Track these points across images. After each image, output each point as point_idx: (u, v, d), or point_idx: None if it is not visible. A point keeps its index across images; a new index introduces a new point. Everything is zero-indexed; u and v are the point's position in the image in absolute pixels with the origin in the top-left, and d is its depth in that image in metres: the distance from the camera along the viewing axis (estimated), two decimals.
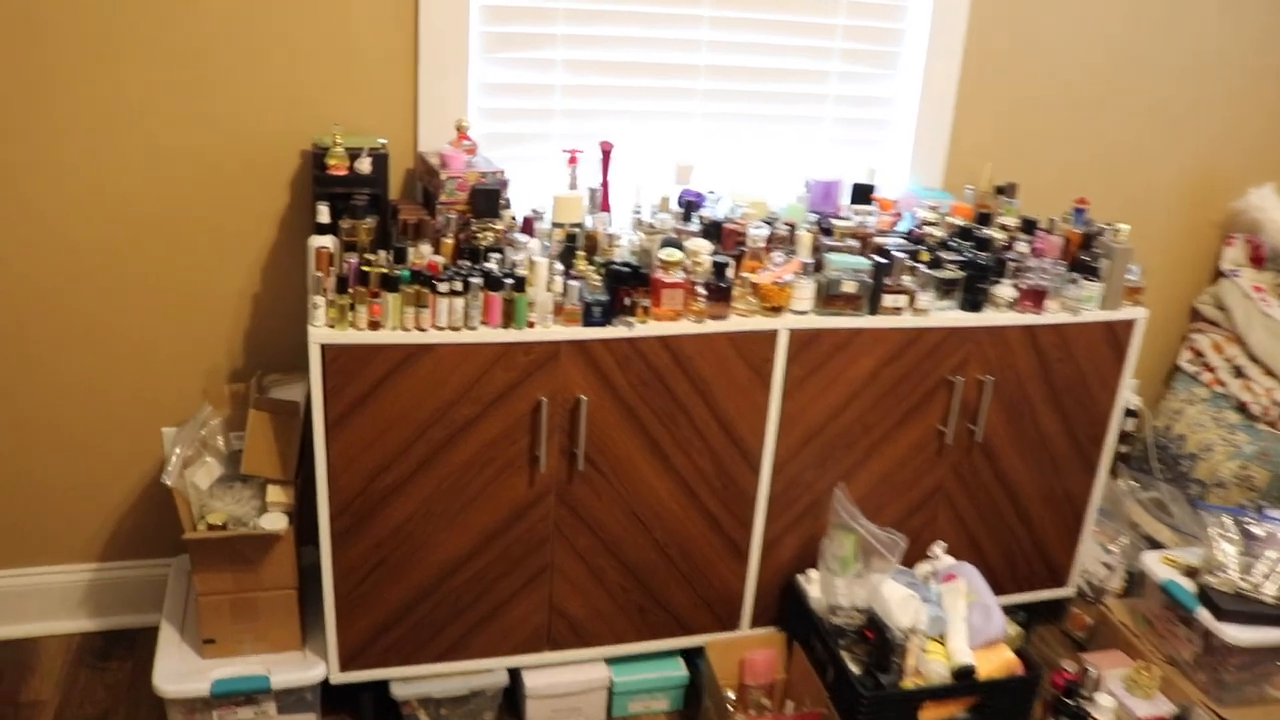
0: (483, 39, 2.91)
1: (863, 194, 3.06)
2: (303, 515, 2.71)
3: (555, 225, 2.76)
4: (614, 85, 3.05)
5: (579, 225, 2.77)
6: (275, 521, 2.61)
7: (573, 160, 2.95)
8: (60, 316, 2.84)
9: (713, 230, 2.81)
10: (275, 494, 2.66)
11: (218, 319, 2.96)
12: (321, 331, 2.42)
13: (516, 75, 2.99)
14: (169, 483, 2.57)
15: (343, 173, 2.76)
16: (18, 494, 2.95)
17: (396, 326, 2.46)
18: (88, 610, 3.07)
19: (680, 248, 2.66)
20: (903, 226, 3.04)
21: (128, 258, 2.84)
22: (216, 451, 2.77)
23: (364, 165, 2.77)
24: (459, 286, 2.47)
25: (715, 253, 2.70)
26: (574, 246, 2.69)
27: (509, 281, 2.49)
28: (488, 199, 2.70)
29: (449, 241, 2.65)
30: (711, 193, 3.01)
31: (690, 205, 2.92)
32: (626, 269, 2.60)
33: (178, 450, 2.66)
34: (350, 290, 2.47)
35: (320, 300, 2.45)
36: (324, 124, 2.84)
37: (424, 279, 2.48)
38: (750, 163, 3.23)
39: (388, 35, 2.83)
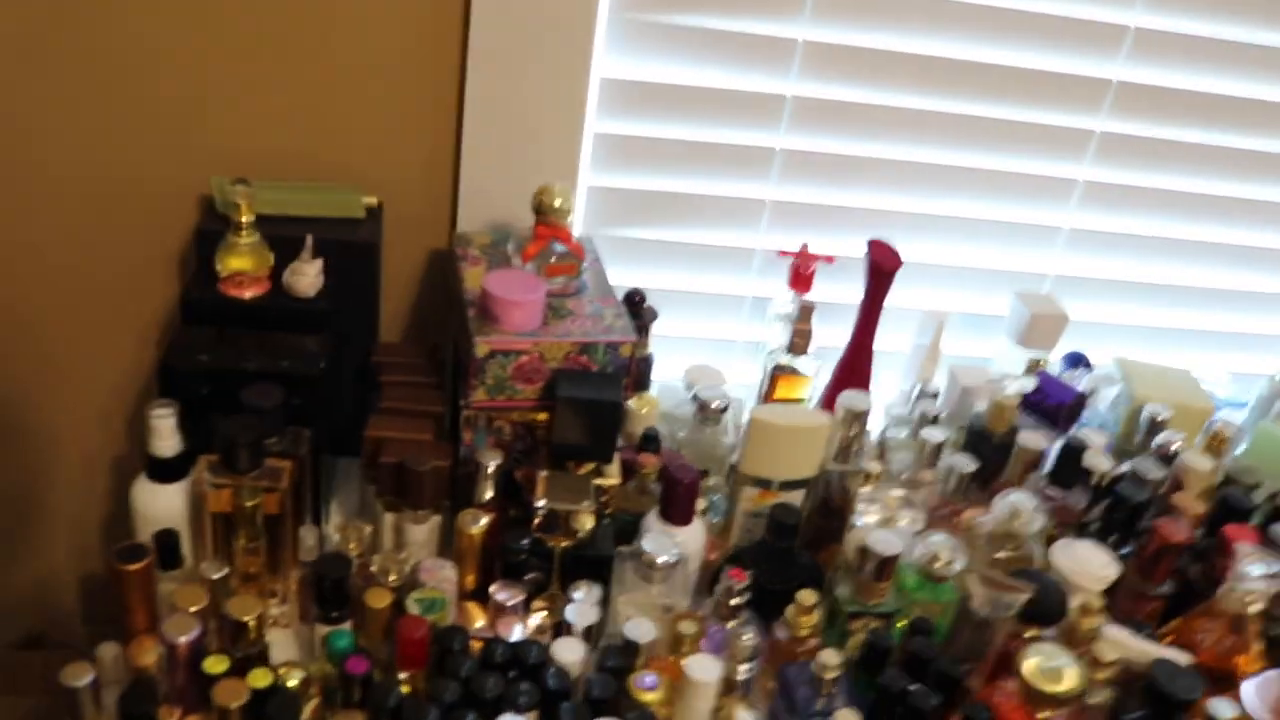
0: (623, 29, 1.24)
1: None
2: None
3: (744, 478, 1.11)
4: (898, 156, 1.35)
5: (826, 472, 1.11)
6: None
7: (803, 272, 1.28)
8: None
9: (1122, 512, 1.12)
10: None
11: None
12: None
13: (691, 110, 1.30)
14: None
15: (252, 293, 1.14)
16: None
17: None
18: None
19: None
20: None
21: None
22: None
23: (304, 276, 1.14)
24: None
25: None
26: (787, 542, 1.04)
27: None
28: (592, 415, 1.06)
29: (473, 528, 1.02)
30: (1087, 371, 1.33)
31: (1066, 411, 1.24)
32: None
33: None
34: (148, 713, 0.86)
35: None
36: (228, 155, 1.22)
37: (373, 693, 0.86)
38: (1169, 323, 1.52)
39: None
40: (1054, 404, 1.24)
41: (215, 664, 0.86)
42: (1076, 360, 1.37)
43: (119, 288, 1.31)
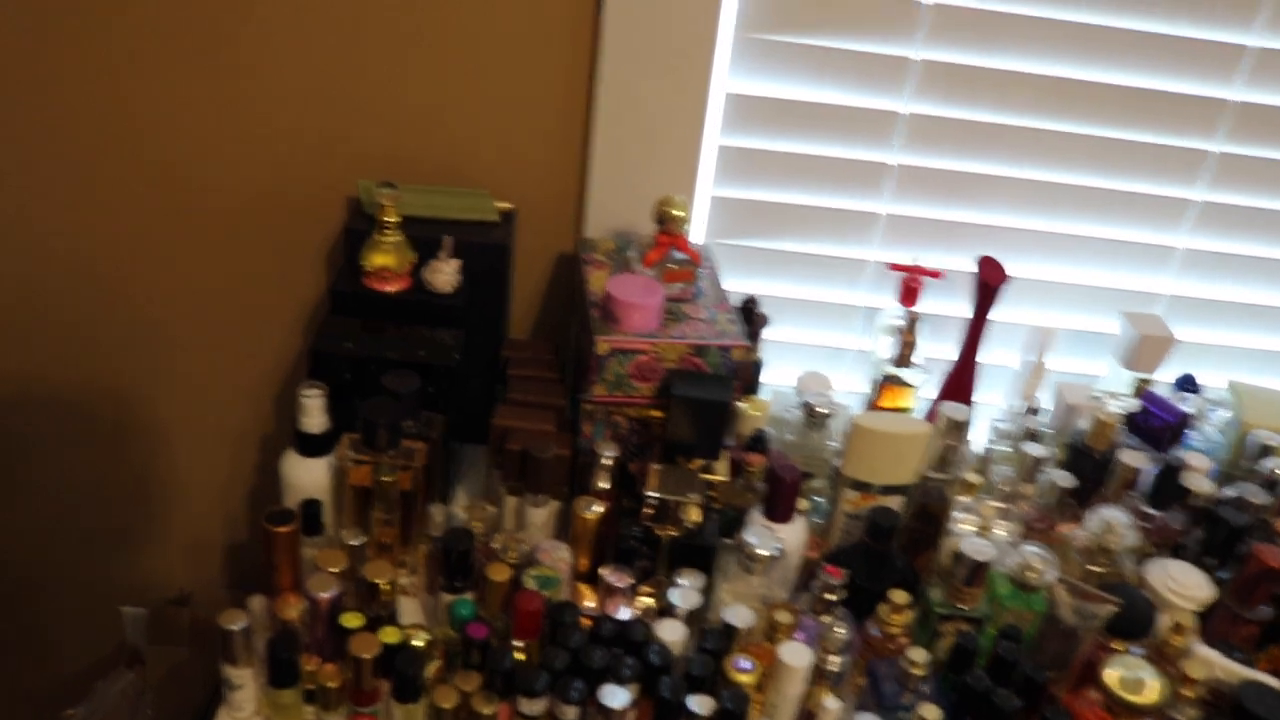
0: (746, 47, 1.30)
1: None
2: None
3: (846, 481, 1.16)
4: (1011, 174, 1.38)
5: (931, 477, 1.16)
6: None
7: (912, 286, 1.32)
8: None
9: (1221, 534, 1.14)
10: None
11: None
12: None
13: (809, 125, 1.36)
14: None
15: (394, 287, 1.23)
16: None
17: None
18: None
19: None
20: None
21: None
22: None
23: (442, 273, 1.23)
24: (571, 702, 0.92)
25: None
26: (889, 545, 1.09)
27: (697, 709, 0.92)
28: (703, 414, 1.13)
29: (588, 514, 1.10)
30: (1196, 394, 1.34)
31: (1169, 432, 1.25)
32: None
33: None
34: (311, 669, 0.95)
35: (240, 680, 0.95)
36: (375, 160, 1.33)
37: (490, 656, 0.94)
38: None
39: None
40: (1158, 425, 1.26)
41: (351, 619, 0.96)
42: (1186, 383, 1.38)
43: (272, 281, 1.42)
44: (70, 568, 1.68)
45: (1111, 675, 0.97)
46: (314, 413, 1.12)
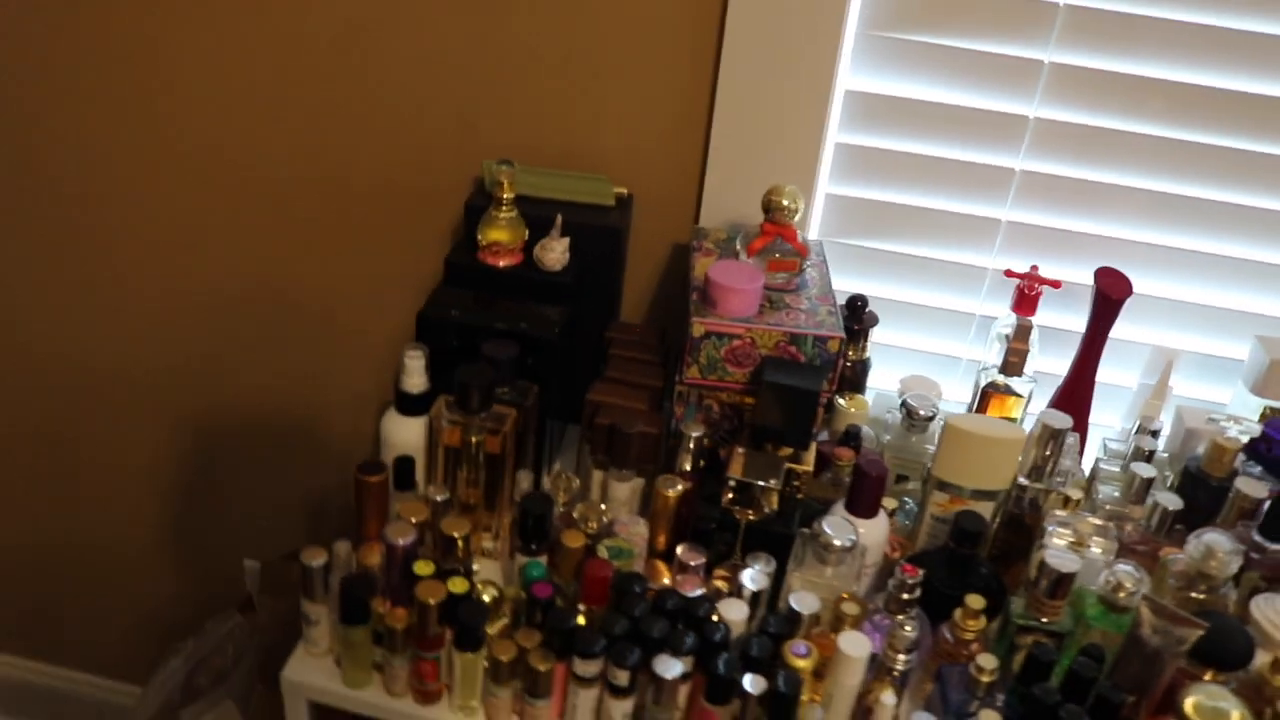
0: (869, 45, 1.29)
1: None
2: None
3: (935, 482, 1.13)
4: (1141, 185, 1.32)
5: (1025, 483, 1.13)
6: None
7: (1028, 294, 1.29)
8: None
9: None
10: None
11: None
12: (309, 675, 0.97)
13: (926, 128, 1.34)
14: None
15: (506, 262, 1.27)
16: None
17: None
18: None
19: None
20: None
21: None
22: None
23: (551, 251, 1.26)
24: (625, 667, 0.93)
25: None
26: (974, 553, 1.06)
27: (750, 687, 0.92)
28: (793, 402, 1.12)
29: (669, 492, 1.10)
30: None
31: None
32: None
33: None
34: (381, 612, 0.99)
35: (316, 616, 1.00)
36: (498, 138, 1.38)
37: (552, 616, 0.96)
38: None
39: None
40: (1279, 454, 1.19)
41: (423, 567, 0.99)
42: None
43: (401, 255, 1.49)
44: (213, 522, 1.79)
45: (1191, 702, 0.92)
46: (414, 373, 1.17)
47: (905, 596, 1.04)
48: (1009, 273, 1.31)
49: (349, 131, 1.43)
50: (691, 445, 1.15)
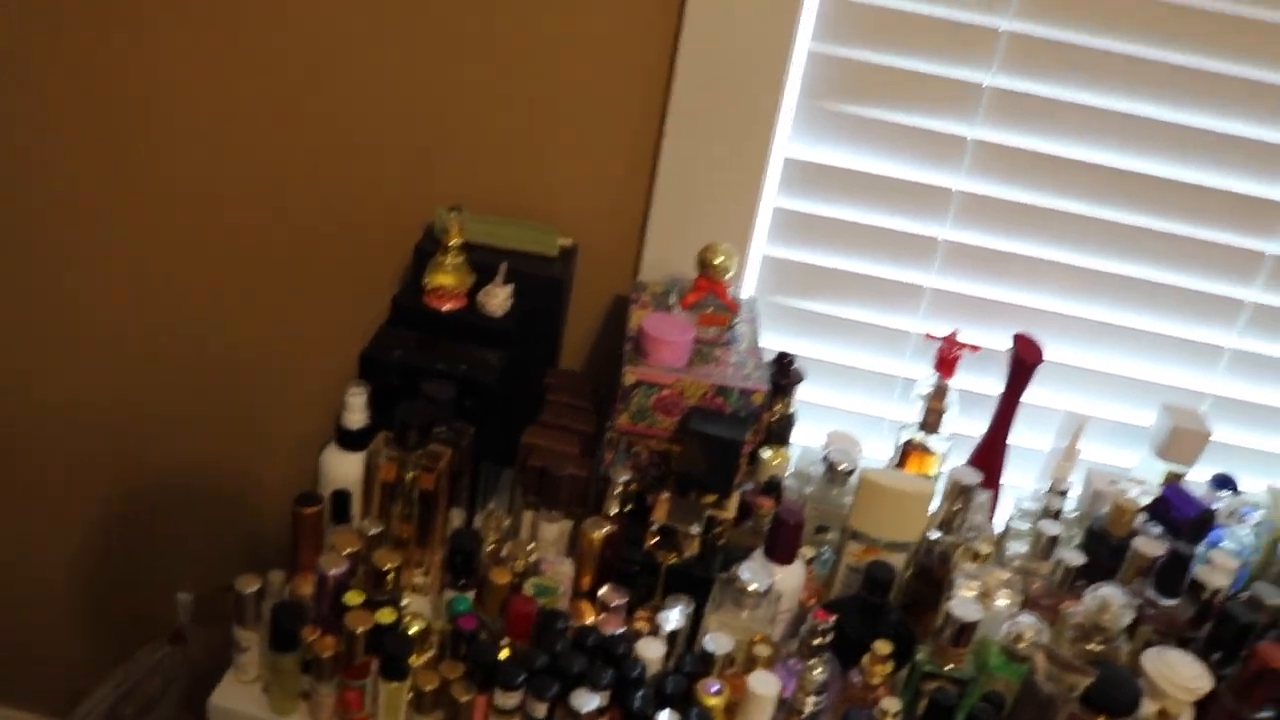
0: (809, 115, 1.36)
1: None
2: None
3: (850, 533, 1.19)
4: (1061, 259, 1.40)
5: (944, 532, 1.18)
6: None
7: (948, 357, 1.35)
8: None
9: (1230, 631, 1.12)
10: None
11: None
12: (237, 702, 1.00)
13: (860, 185, 1.41)
14: None
15: (450, 306, 1.32)
16: None
17: None
18: None
19: None
20: None
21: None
22: None
23: (494, 297, 1.31)
24: (544, 699, 0.97)
25: None
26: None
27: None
28: (717, 451, 1.17)
29: (594, 534, 1.15)
30: (1233, 494, 1.33)
31: (1190, 525, 1.25)
32: None
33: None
34: (310, 640, 1.02)
35: (247, 643, 1.02)
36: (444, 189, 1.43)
37: (475, 649, 1.00)
38: None
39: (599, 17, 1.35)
40: (1179, 517, 1.25)
41: (354, 597, 1.03)
42: (1224, 482, 1.36)
43: (354, 298, 1.53)
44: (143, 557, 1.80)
45: None
46: (355, 409, 1.21)
47: (817, 641, 1.09)
48: (929, 336, 1.38)
49: (304, 176, 1.47)
50: (619, 490, 1.20)
